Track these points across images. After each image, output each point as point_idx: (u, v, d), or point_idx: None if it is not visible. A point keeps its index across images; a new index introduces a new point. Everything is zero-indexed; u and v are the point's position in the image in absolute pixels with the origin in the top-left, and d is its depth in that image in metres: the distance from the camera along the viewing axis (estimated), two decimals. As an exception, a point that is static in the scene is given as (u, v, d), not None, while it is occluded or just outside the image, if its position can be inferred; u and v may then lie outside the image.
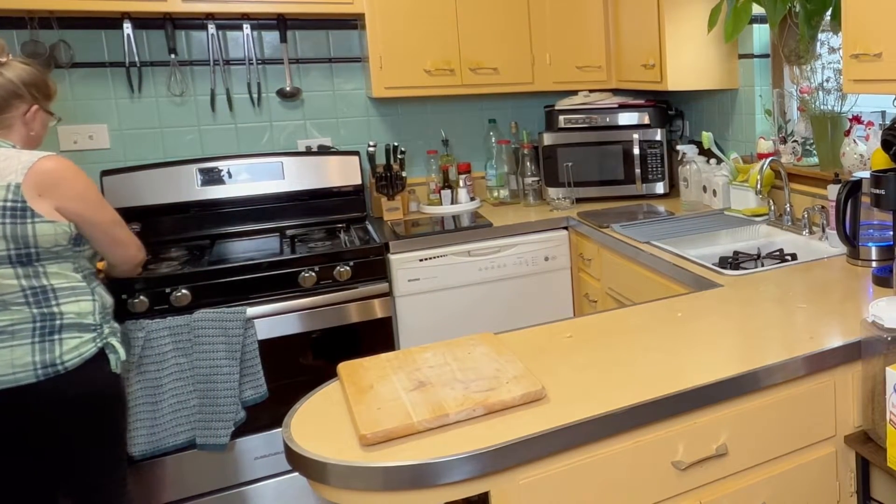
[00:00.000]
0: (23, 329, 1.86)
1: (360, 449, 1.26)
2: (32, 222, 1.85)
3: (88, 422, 1.97)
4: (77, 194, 1.93)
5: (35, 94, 1.98)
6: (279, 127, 3.30)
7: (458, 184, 3.46)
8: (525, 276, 3.11)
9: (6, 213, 1.83)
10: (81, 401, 1.94)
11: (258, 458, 2.63)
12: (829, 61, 2.64)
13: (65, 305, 1.91)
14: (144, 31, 3.01)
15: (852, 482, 1.66)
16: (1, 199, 1.83)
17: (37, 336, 1.86)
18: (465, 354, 1.56)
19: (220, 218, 3.05)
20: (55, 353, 1.88)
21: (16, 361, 1.84)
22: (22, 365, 1.85)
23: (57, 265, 1.91)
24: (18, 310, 1.86)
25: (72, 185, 1.93)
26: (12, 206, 1.83)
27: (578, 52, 3.43)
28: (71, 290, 1.93)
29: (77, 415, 1.95)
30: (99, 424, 2.00)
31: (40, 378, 1.86)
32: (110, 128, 3.02)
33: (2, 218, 1.83)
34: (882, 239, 2.14)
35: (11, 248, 1.84)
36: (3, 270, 1.84)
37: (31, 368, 1.85)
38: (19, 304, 1.86)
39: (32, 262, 1.87)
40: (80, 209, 1.93)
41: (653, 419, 1.40)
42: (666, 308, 1.91)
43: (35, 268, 1.88)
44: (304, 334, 2.67)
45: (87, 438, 1.99)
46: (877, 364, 1.52)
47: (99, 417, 2.00)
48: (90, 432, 1.99)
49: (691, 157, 3.26)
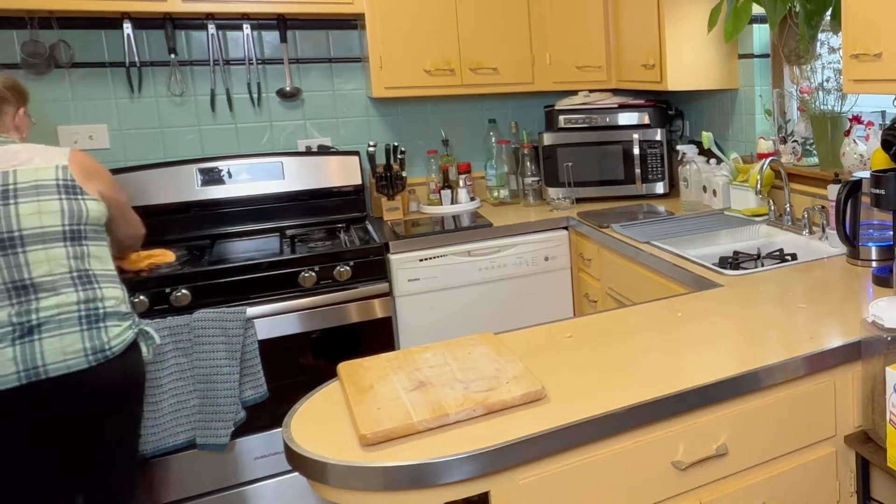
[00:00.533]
0: (70, 318, 1.89)
1: (360, 449, 1.26)
2: (84, 199, 1.96)
3: (125, 407, 2.04)
4: (110, 180, 2.13)
5: (17, 97, 2.06)
6: (279, 127, 3.30)
7: (458, 184, 3.46)
8: (525, 276, 3.11)
9: (61, 189, 1.93)
10: (122, 387, 1.99)
11: (258, 458, 2.63)
12: (829, 61, 2.64)
13: (106, 290, 1.97)
14: (144, 31, 3.01)
15: (852, 482, 1.66)
16: (54, 177, 1.93)
17: (84, 323, 1.91)
18: (465, 354, 1.56)
19: (220, 218, 3.06)
20: (103, 339, 1.92)
21: (67, 349, 1.87)
22: (73, 352, 1.88)
23: (98, 248, 1.99)
24: (65, 293, 1.89)
25: (105, 173, 2.13)
26: (64, 183, 1.94)
27: (578, 52, 3.43)
28: (108, 277, 2.00)
29: (117, 400, 2.00)
30: (131, 410, 2.07)
31: (91, 363, 1.90)
32: (110, 128, 3.02)
33: (58, 193, 1.92)
34: (882, 239, 2.14)
35: (66, 223, 1.92)
36: (55, 250, 1.89)
37: (82, 354, 1.89)
38: (67, 286, 1.90)
39: (82, 241, 1.95)
40: (112, 194, 2.10)
41: (653, 419, 1.40)
42: (666, 308, 1.91)
43: (83, 247, 1.95)
44: (304, 334, 2.68)
45: (120, 424, 2.04)
46: (877, 364, 1.52)
47: (132, 403, 2.07)
48: (122, 420, 2.05)
49: (691, 157, 3.26)
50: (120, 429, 2.05)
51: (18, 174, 1.88)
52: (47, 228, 1.89)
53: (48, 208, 1.89)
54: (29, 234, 1.86)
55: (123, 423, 2.06)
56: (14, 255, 1.85)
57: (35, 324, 1.85)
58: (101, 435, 1.99)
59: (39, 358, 1.84)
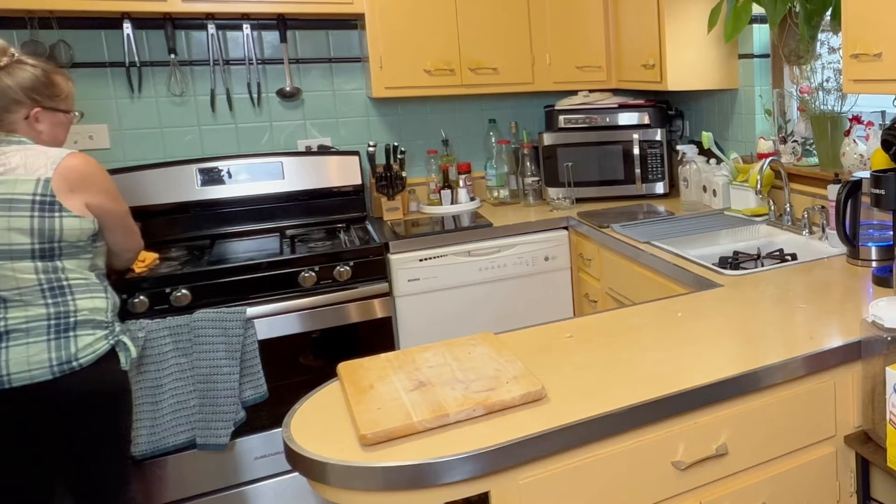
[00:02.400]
0: (38, 326, 1.87)
1: (360, 449, 1.26)
2: (60, 216, 1.89)
3: (97, 419, 1.98)
4: (104, 189, 2.01)
5: (36, 97, 1.98)
6: (279, 127, 3.30)
7: (458, 184, 3.46)
8: (525, 276, 3.11)
9: (35, 207, 1.87)
10: (92, 398, 1.95)
11: (258, 458, 2.63)
12: (829, 61, 2.64)
13: (80, 301, 1.93)
14: (144, 31, 3.01)
15: (852, 482, 1.66)
16: (30, 192, 1.87)
17: (52, 333, 1.88)
18: (465, 354, 1.56)
19: (220, 218, 3.06)
20: (70, 350, 1.89)
21: (31, 359, 1.85)
22: (38, 362, 1.86)
23: (75, 261, 1.95)
24: (35, 306, 1.87)
25: (100, 181, 2.01)
26: (41, 199, 1.87)
27: (578, 52, 3.43)
28: (86, 287, 1.96)
29: (87, 412, 1.96)
30: (106, 422, 2.02)
31: (56, 375, 1.87)
32: (110, 128, 3.02)
33: (31, 211, 1.86)
34: (882, 239, 2.14)
35: (36, 242, 1.87)
36: (23, 264, 1.86)
37: (46, 365, 1.87)
38: (36, 299, 1.87)
39: (54, 258, 1.90)
40: (106, 203, 2.01)
41: (653, 419, 1.40)
42: (666, 308, 1.91)
43: (55, 263, 1.91)
44: (304, 334, 2.68)
45: (94, 436, 1.99)
46: (877, 364, 1.52)
47: (107, 415, 2.01)
48: (97, 430, 2.00)
49: (691, 157, 3.26)
50: (95, 440, 1.99)
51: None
52: (15, 246, 1.85)
53: (18, 225, 1.84)
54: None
55: (98, 433, 1.99)
56: None
57: (2, 331, 1.84)
58: (74, 444, 1.96)
59: (3, 367, 1.83)
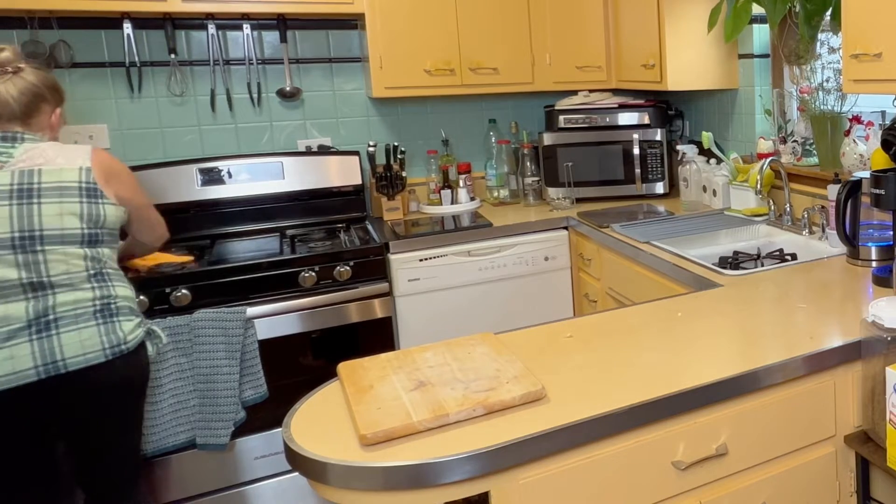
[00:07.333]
0: (85, 312, 1.90)
1: (360, 449, 1.26)
2: (103, 203, 1.96)
3: (130, 405, 2.05)
4: (131, 183, 2.10)
5: (55, 97, 2.04)
6: (279, 127, 3.30)
7: (458, 184, 3.46)
8: (525, 276, 3.11)
9: (83, 193, 1.93)
10: (132, 383, 2.02)
11: (258, 458, 2.63)
12: (829, 61, 2.64)
13: (118, 288, 1.99)
14: (144, 31, 3.01)
15: (852, 482, 1.66)
16: (76, 179, 1.93)
17: (99, 318, 1.92)
18: (465, 354, 1.56)
19: (220, 218, 3.06)
20: (119, 335, 1.94)
21: (85, 342, 1.89)
22: (91, 345, 1.89)
23: (109, 250, 2.01)
24: (82, 290, 1.91)
25: (127, 175, 2.10)
26: (87, 186, 1.94)
27: (578, 52, 3.43)
28: (119, 275, 2.04)
29: (126, 397, 2.01)
30: (136, 408, 2.08)
31: (109, 357, 1.91)
32: (110, 128, 3.02)
33: (79, 197, 1.92)
34: (882, 239, 2.14)
35: (86, 227, 1.93)
36: (74, 250, 1.91)
37: (99, 348, 1.90)
38: (83, 282, 1.91)
39: (96, 244, 1.96)
40: (133, 197, 2.09)
41: (653, 419, 1.40)
42: (666, 308, 1.91)
43: (97, 249, 1.96)
44: (304, 334, 2.68)
45: (127, 422, 2.06)
46: (877, 364, 1.52)
47: (137, 401, 2.08)
48: (130, 415, 2.06)
49: (691, 157, 3.26)
50: (128, 424, 2.07)
51: (43, 174, 1.89)
52: (67, 230, 1.90)
53: (69, 210, 1.90)
54: (49, 234, 1.87)
55: (131, 418, 2.07)
56: (33, 254, 1.85)
57: (52, 318, 1.86)
58: (111, 429, 2.01)
59: (59, 352, 1.85)
